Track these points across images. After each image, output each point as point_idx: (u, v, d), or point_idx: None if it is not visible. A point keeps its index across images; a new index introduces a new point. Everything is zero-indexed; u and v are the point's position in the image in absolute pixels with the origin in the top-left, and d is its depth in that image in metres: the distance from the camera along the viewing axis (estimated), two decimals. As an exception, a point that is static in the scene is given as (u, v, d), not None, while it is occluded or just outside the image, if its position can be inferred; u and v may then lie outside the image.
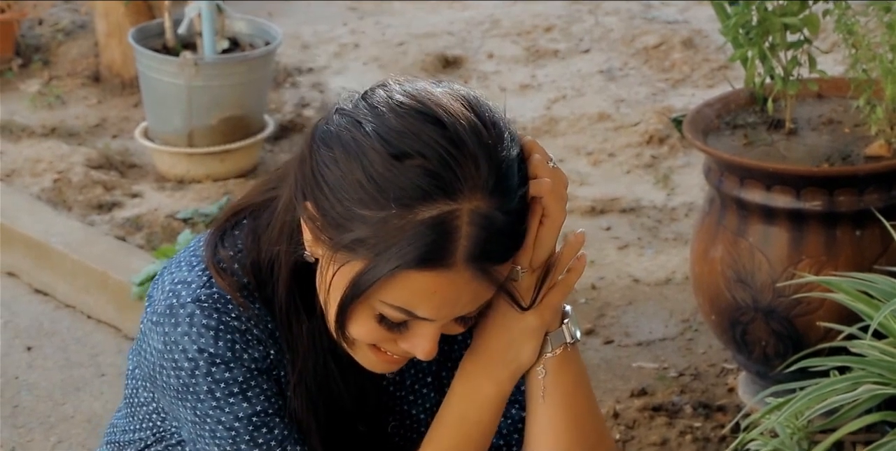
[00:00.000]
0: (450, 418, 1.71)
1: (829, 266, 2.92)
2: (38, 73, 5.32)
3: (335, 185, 1.55)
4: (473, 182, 1.52)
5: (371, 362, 1.67)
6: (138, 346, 1.73)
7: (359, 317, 1.60)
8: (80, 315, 3.91)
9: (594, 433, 1.73)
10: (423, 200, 1.52)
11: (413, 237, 1.52)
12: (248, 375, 1.65)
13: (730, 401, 3.24)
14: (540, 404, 1.71)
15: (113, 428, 1.88)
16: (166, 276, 1.70)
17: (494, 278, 1.57)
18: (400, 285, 1.55)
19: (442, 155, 1.52)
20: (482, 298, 1.60)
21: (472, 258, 1.53)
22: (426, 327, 1.60)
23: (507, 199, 1.55)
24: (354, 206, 1.54)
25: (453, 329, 1.65)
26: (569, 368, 1.71)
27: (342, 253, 1.57)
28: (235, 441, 1.67)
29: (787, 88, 3.04)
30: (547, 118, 4.79)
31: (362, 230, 1.54)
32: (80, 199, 4.33)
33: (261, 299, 1.67)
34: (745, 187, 2.95)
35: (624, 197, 4.26)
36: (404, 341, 1.62)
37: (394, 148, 1.53)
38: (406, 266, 1.53)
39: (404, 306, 1.57)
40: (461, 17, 5.71)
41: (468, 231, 1.53)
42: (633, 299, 3.73)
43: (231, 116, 4.47)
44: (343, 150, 1.55)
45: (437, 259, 1.53)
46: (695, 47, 5.28)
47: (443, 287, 1.55)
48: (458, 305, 1.58)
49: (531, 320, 1.66)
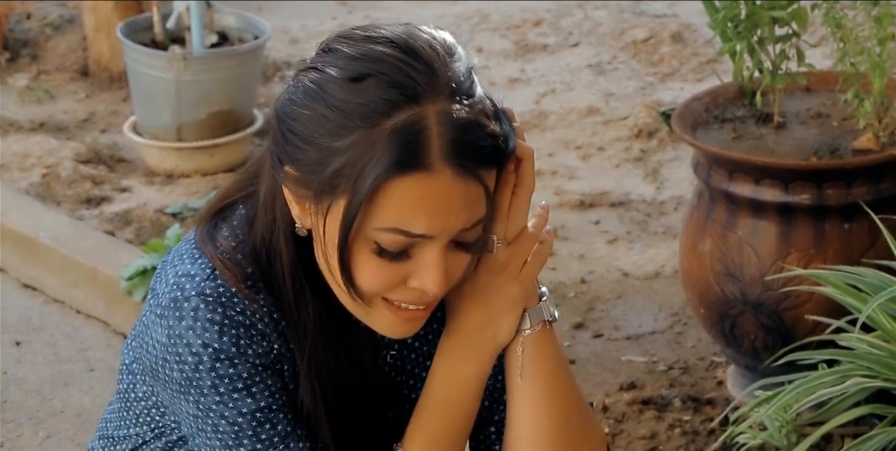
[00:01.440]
0: (432, 400, 1.71)
1: (817, 260, 2.92)
2: (26, 68, 5.31)
3: (304, 131, 1.57)
4: (434, 87, 1.55)
5: (390, 323, 1.66)
6: (138, 339, 1.72)
7: (359, 258, 1.59)
8: (69, 310, 3.91)
9: (576, 413, 1.73)
10: (388, 111, 1.54)
11: (385, 147, 1.53)
12: (252, 370, 1.65)
13: (719, 394, 3.24)
14: (518, 383, 1.71)
15: (106, 423, 1.87)
16: (169, 268, 1.69)
17: (480, 180, 1.57)
18: (386, 200, 1.55)
19: (398, 66, 1.55)
20: (474, 205, 1.58)
21: (448, 156, 1.54)
22: (429, 251, 1.59)
23: (472, 100, 1.58)
24: (325, 140, 1.56)
25: (458, 262, 1.62)
26: (547, 347, 1.71)
27: (325, 197, 1.57)
28: (238, 437, 1.66)
29: (775, 82, 3.04)
30: (536, 112, 4.80)
31: (338, 161, 1.55)
32: (68, 193, 4.33)
33: (265, 288, 1.67)
34: (734, 181, 2.96)
35: (613, 191, 4.26)
36: (413, 279, 1.61)
37: (350, 72, 1.56)
38: (384, 176, 1.53)
39: (397, 226, 1.56)
40: (450, 12, 5.71)
41: (438, 130, 1.54)
42: (622, 293, 3.73)
43: (220, 111, 4.47)
44: (304, 94, 1.58)
45: (413, 162, 1.53)
46: (683, 41, 5.28)
47: (428, 191, 1.55)
48: (450, 212, 1.57)
49: (512, 290, 1.67)
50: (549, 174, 4.37)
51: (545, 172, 4.37)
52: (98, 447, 1.87)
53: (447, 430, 1.72)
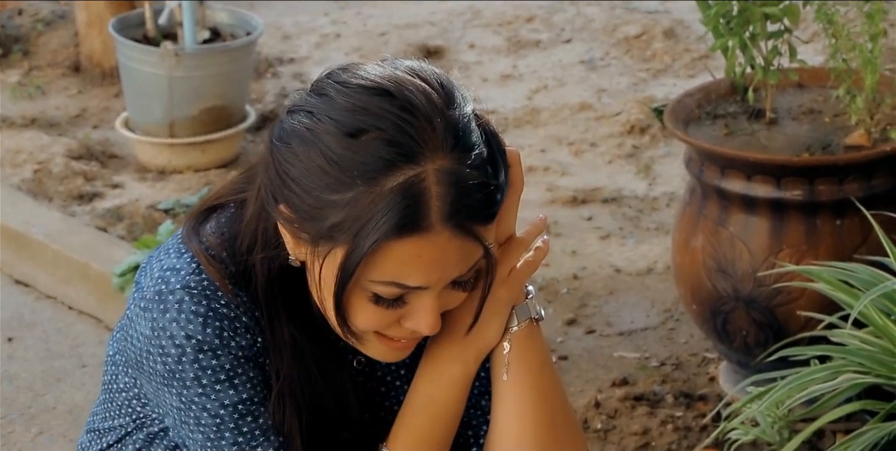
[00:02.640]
0: (418, 400, 1.72)
1: (809, 256, 2.93)
2: (18, 64, 5.30)
3: (300, 178, 1.56)
4: (433, 143, 1.53)
5: (381, 352, 1.67)
6: (122, 331, 1.72)
7: (355, 303, 1.60)
8: (60, 306, 3.91)
9: (561, 412, 1.73)
10: (387, 170, 1.52)
11: (385, 208, 1.52)
12: (235, 362, 1.65)
13: (711, 390, 3.24)
14: (503, 382, 1.71)
15: (93, 416, 1.88)
16: (154, 263, 1.70)
17: (477, 235, 1.57)
18: (384, 258, 1.55)
19: (396, 122, 1.53)
20: (470, 257, 1.59)
21: (447, 217, 1.54)
22: (423, 298, 1.60)
23: (470, 153, 1.55)
24: (323, 193, 1.55)
25: (453, 299, 1.64)
26: (533, 346, 1.71)
27: (323, 244, 1.57)
28: (220, 429, 1.67)
29: (767, 78, 3.04)
30: (528, 108, 4.79)
31: (336, 215, 1.54)
32: (60, 189, 4.32)
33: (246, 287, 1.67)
34: (726, 177, 2.96)
35: (605, 187, 4.26)
36: (407, 320, 1.62)
37: (347, 127, 1.54)
38: (385, 238, 1.53)
39: (394, 280, 1.57)
40: (443, 8, 5.71)
41: (438, 191, 1.53)
42: (614, 289, 3.73)
43: (212, 107, 4.46)
44: (300, 141, 1.56)
45: (413, 224, 1.53)
46: (676, 37, 5.28)
47: (426, 251, 1.55)
48: (446, 267, 1.57)
49: (499, 293, 1.67)
50: (542, 170, 4.37)
51: (537, 168, 4.37)
52: (86, 441, 1.88)
53: (432, 430, 1.72)
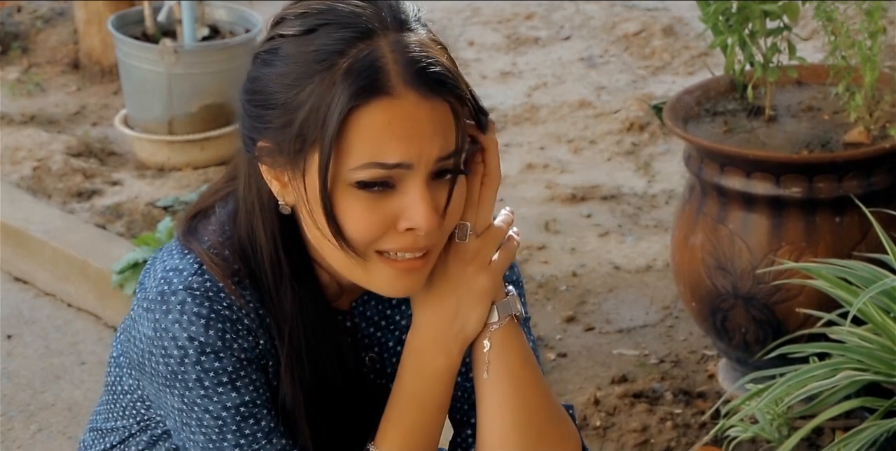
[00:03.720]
0: (403, 396, 1.71)
1: (808, 253, 2.93)
2: (17, 61, 5.30)
3: (266, 97, 1.60)
4: (383, 22, 1.58)
5: (390, 278, 1.64)
6: (126, 333, 1.73)
7: (344, 205, 1.59)
8: (59, 303, 3.91)
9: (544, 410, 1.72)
10: (342, 49, 1.56)
11: (345, 81, 1.55)
12: (237, 365, 1.65)
13: (710, 388, 3.25)
14: (484, 380, 1.71)
15: (96, 415, 1.88)
16: (158, 263, 1.70)
17: (445, 99, 1.58)
18: (355, 136, 1.55)
19: (344, 11, 1.58)
20: (447, 132, 1.59)
21: (409, 79, 1.56)
22: (411, 186, 1.59)
23: (421, 31, 1.61)
24: (287, 96, 1.58)
25: (442, 194, 1.61)
26: (513, 344, 1.71)
27: (299, 156, 1.58)
28: (222, 431, 1.67)
29: (766, 75, 3.04)
30: (528, 106, 4.79)
31: (302, 112, 1.57)
32: (59, 187, 4.32)
33: (251, 284, 1.67)
34: (725, 174, 2.96)
35: (604, 184, 4.26)
36: (402, 220, 1.60)
37: (300, 30, 1.59)
38: (348, 106, 1.54)
39: (372, 159, 1.56)
40: (442, 5, 5.71)
41: (394, 57, 1.56)
42: (613, 287, 3.73)
43: (211, 104, 4.46)
44: (262, 63, 1.62)
45: (374, 88, 1.55)
46: (675, 34, 5.28)
47: (395, 116, 1.56)
48: (422, 137, 1.57)
49: (481, 281, 1.67)
50: (541, 168, 4.37)
51: (537, 165, 4.37)
52: (88, 439, 1.88)
53: (420, 424, 1.71)
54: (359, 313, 1.78)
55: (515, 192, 4.22)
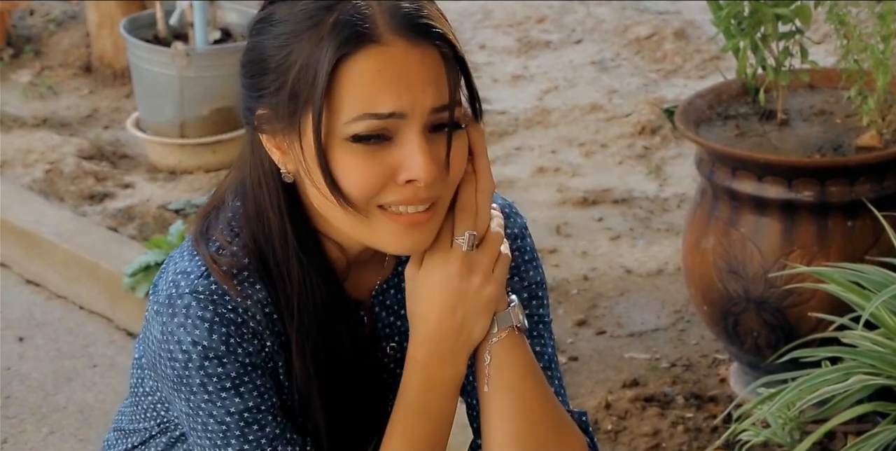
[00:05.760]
0: (410, 409, 1.69)
1: (820, 257, 2.92)
2: (29, 64, 5.31)
3: (260, 64, 1.60)
4: None
5: (395, 234, 1.63)
6: (143, 334, 1.73)
7: (341, 161, 1.58)
8: (71, 306, 3.91)
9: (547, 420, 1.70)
10: (330, 6, 1.56)
11: (332, 34, 1.55)
12: (241, 370, 1.65)
13: (721, 392, 3.24)
14: (485, 393, 1.69)
15: (120, 416, 1.89)
16: (170, 265, 1.70)
17: (435, 45, 1.58)
18: (346, 86, 1.55)
19: None
20: (439, 81, 1.58)
21: (396, 27, 1.56)
22: (407, 136, 1.58)
23: None
24: (279, 58, 1.58)
25: (439, 147, 1.60)
26: (515, 355, 1.69)
27: (294, 118, 1.58)
28: (226, 436, 1.66)
29: (778, 79, 3.04)
30: (539, 109, 4.79)
31: (294, 71, 1.57)
32: (71, 189, 4.33)
33: (260, 278, 1.66)
34: (737, 178, 2.96)
35: (616, 188, 4.26)
36: (402, 172, 1.59)
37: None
38: (336, 56, 1.54)
39: (365, 111, 1.56)
40: (453, 8, 5.71)
41: (380, 7, 1.57)
42: (625, 290, 3.73)
43: (223, 107, 4.47)
44: (257, 32, 1.62)
45: (362, 37, 1.55)
46: (687, 38, 5.28)
47: (385, 64, 1.55)
48: (414, 86, 1.56)
49: (488, 290, 1.66)
50: (552, 171, 4.37)
51: (548, 169, 4.37)
52: (112, 438, 1.90)
53: (429, 437, 1.70)
54: (378, 302, 1.78)
55: (527, 195, 4.22)
